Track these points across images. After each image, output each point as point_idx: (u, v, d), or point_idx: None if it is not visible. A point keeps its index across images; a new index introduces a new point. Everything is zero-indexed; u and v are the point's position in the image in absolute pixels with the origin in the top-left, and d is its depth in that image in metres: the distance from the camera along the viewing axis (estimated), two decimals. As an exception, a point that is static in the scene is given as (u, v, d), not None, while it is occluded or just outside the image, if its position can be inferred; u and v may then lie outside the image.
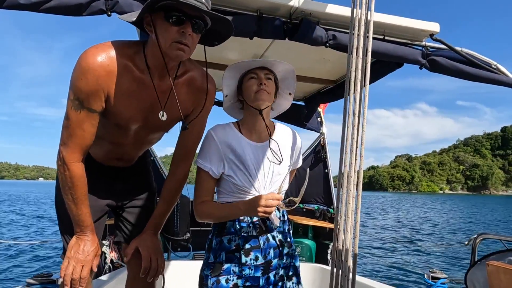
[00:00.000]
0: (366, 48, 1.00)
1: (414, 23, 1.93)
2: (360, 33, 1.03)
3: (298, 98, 3.47)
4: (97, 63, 1.14)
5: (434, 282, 3.46)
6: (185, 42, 1.16)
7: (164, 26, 1.14)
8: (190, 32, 1.16)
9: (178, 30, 1.14)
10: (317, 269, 2.96)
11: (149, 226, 1.48)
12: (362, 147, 1.00)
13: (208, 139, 1.42)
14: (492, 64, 2.08)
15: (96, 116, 1.22)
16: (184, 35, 1.15)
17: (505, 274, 1.43)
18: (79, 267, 1.27)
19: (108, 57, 1.16)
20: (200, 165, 1.41)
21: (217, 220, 1.41)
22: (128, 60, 1.21)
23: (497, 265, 1.48)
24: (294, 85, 1.53)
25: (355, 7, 1.05)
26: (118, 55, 1.18)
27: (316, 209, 3.90)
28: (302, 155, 1.65)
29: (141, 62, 1.23)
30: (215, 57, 2.51)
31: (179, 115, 1.35)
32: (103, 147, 1.43)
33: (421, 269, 7.78)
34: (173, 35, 1.14)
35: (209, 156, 1.40)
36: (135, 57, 1.23)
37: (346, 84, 1.05)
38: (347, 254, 0.98)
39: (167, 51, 1.17)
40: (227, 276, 1.35)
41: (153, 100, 1.29)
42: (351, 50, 1.04)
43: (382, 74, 2.35)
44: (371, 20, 1.02)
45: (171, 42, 1.15)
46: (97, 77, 1.15)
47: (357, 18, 1.04)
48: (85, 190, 1.28)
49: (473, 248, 2.23)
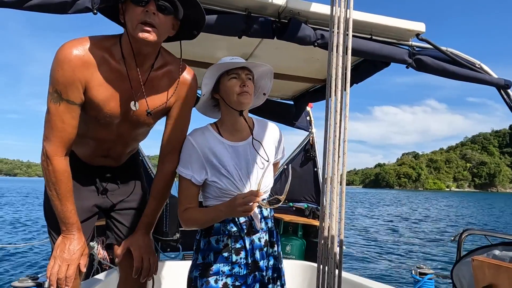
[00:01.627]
0: (346, 46, 1.01)
1: (400, 23, 1.96)
2: (340, 31, 1.04)
3: (287, 97, 3.48)
4: (73, 54, 1.16)
5: (421, 277, 3.52)
6: (150, 22, 1.15)
7: (130, 8, 1.16)
8: (154, 10, 1.16)
9: (142, 10, 1.15)
10: (306, 266, 2.97)
11: (141, 226, 1.47)
12: (345, 144, 1.01)
13: (187, 146, 1.38)
14: (476, 64, 2.13)
15: (76, 108, 1.22)
16: (148, 14, 1.15)
17: (489, 268, 1.46)
18: (65, 266, 1.26)
19: (84, 49, 1.18)
20: (181, 173, 1.38)
21: (202, 225, 1.39)
22: (105, 52, 1.22)
23: (481, 260, 1.52)
24: (270, 85, 1.52)
25: (334, 5, 1.06)
26: (94, 47, 1.19)
27: (306, 207, 3.92)
28: (293, 153, 1.66)
29: (118, 53, 1.24)
30: (204, 56, 2.50)
31: (160, 107, 1.34)
32: (87, 145, 1.42)
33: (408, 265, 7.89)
34: (137, 15, 1.15)
35: (190, 164, 1.37)
36: (112, 49, 1.23)
37: (328, 82, 1.06)
38: (333, 251, 0.99)
39: (134, 34, 1.17)
40: (216, 277, 1.34)
41: (130, 92, 1.29)
42: (331, 48, 1.05)
43: (369, 73, 2.38)
44: (350, 18, 1.03)
45: (136, 24, 1.15)
46: (73, 68, 1.16)
47: (336, 16, 1.05)
48: (69, 186, 1.27)
49: (459, 244, 2.28)
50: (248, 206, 1.19)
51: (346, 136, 1.01)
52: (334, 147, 1.02)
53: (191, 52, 2.40)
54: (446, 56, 2.05)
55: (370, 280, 2.41)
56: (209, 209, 1.37)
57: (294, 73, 2.80)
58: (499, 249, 1.86)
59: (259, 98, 1.57)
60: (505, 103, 2.18)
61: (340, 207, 0.99)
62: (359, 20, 1.88)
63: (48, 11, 1.49)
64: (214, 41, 2.21)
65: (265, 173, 1.41)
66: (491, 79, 2.11)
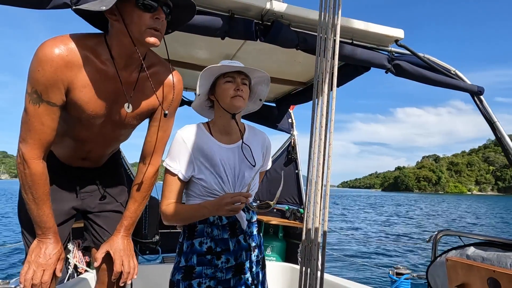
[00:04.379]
0: (333, 51, 1.03)
1: (380, 29, 2.00)
2: (328, 36, 1.06)
3: (269, 99, 3.50)
4: (55, 53, 1.10)
5: (398, 278, 3.61)
6: (159, 28, 1.15)
7: (136, 13, 1.13)
8: (164, 18, 1.16)
9: (151, 16, 1.14)
10: (287, 268, 2.99)
11: (120, 228, 1.42)
12: (330, 147, 1.03)
13: (177, 141, 1.38)
14: (451, 70, 2.21)
15: (56, 109, 1.16)
16: (158, 21, 1.14)
17: (462, 268, 1.51)
18: (40, 272, 1.20)
19: (67, 48, 1.12)
20: (168, 167, 1.38)
21: (183, 221, 1.38)
22: (89, 51, 1.17)
23: (455, 260, 1.57)
24: (267, 92, 1.54)
25: (323, 11, 1.08)
26: (77, 46, 1.14)
27: (287, 209, 3.95)
28: (274, 155, 1.67)
29: (104, 53, 1.20)
30: (186, 56, 2.48)
31: (145, 109, 1.32)
32: (66, 145, 1.37)
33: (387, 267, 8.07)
34: (147, 21, 1.13)
35: (178, 159, 1.37)
36: (96, 48, 1.19)
37: (314, 86, 1.08)
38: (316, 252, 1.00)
39: (140, 39, 1.15)
40: (199, 279, 1.33)
41: (118, 92, 1.25)
42: (319, 52, 1.07)
43: (350, 77, 2.42)
44: (338, 24, 1.05)
45: (145, 29, 1.13)
46: (55, 68, 1.10)
47: (324, 21, 1.07)
48: (46, 190, 1.21)
49: (434, 244, 2.34)
50: (236, 206, 1.21)
51: (332, 139, 1.03)
52: (319, 149, 1.04)
53: (173, 52, 2.37)
54: (423, 62, 2.12)
55: (351, 281, 2.45)
56: (193, 205, 1.36)
57: (277, 76, 2.82)
58: (471, 250, 1.93)
59: (256, 104, 1.58)
60: (478, 109, 2.27)
61: (323, 209, 1.01)
62: (341, 25, 1.91)
63: (24, 6, 1.44)
64: (197, 42, 2.20)
65: (255, 179, 1.42)
66: (465, 85, 2.19)
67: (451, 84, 2.17)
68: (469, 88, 2.20)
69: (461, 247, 1.99)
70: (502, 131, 2.16)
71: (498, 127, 2.18)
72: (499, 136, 2.17)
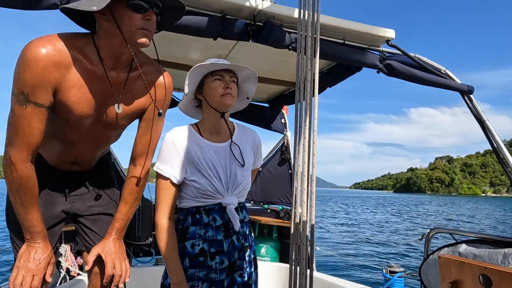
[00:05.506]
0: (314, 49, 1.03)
1: (372, 29, 2.02)
2: (308, 33, 1.06)
3: (262, 100, 3.50)
4: (42, 54, 1.07)
5: (392, 276, 3.64)
6: (150, 29, 1.15)
7: (127, 14, 1.12)
8: (155, 19, 1.16)
9: (142, 17, 1.13)
10: (281, 268, 2.99)
11: (111, 231, 1.40)
12: (314, 145, 1.03)
13: (167, 143, 1.36)
14: (441, 70, 2.24)
15: (44, 111, 1.13)
16: (149, 22, 1.14)
17: (455, 265, 1.53)
18: (29, 277, 1.18)
19: (55, 48, 1.09)
20: (160, 171, 1.35)
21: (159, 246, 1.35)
22: (77, 52, 1.15)
23: (447, 258, 1.58)
24: (254, 89, 1.53)
25: (302, 8, 1.09)
26: (65, 46, 1.12)
27: (281, 209, 3.95)
28: (268, 155, 1.67)
29: (92, 54, 1.18)
30: (178, 57, 2.47)
31: (135, 110, 1.31)
32: (55, 148, 1.35)
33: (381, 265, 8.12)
34: (138, 22, 1.12)
35: (169, 162, 1.35)
36: (84, 49, 1.17)
37: (297, 84, 1.08)
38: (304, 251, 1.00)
39: (132, 39, 1.14)
40: (191, 282, 1.32)
41: (107, 93, 1.24)
42: (300, 50, 1.07)
43: (342, 77, 2.44)
44: (318, 21, 1.06)
45: (136, 29, 1.13)
46: (43, 69, 1.08)
47: (304, 19, 1.08)
48: (35, 193, 1.19)
49: (427, 242, 2.37)
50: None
51: (315, 138, 1.03)
52: (304, 148, 1.04)
53: (165, 53, 2.36)
54: (414, 62, 2.14)
55: (343, 279, 2.46)
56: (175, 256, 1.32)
57: (269, 76, 2.82)
58: (463, 247, 1.95)
59: (243, 102, 1.56)
60: (468, 108, 2.30)
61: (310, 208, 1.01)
62: (332, 25, 1.92)
63: (13, 7, 1.43)
64: (189, 42, 2.20)
65: (242, 178, 1.41)
66: (455, 85, 2.22)
67: (441, 83, 2.20)
68: (459, 88, 2.23)
69: (453, 244, 2.01)
70: (492, 130, 2.19)
71: (488, 126, 2.21)
72: (489, 135, 2.20)
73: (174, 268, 1.31)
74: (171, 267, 1.31)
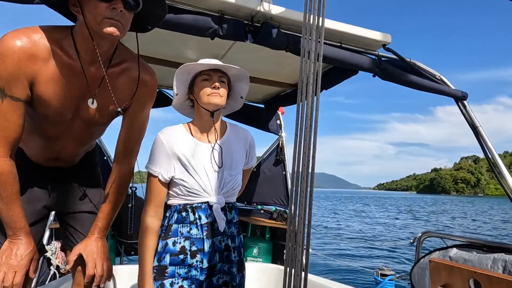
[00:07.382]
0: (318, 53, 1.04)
1: (369, 33, 2.03)
2: (312, 37, 1.07)
3: (258, 101, 3.51)
4: (17, 46, 1.05)
5: (383, 279, 3.66)
6: (117, 19, 1.09)
7: (92, 3, 1.07)
8: (122, 8, 1.09)
9: (108, 6, 1.07)
10: (273, 269, 3.00)
11: (94, 230, 1.37)
12: (314, 148, 1.04)
13: (157, 143, 1.38)
14: (436, 75, 2.26)
15: (21, 105, 1.11)
16: (115, 11, 1.08)
17: (445, 269, 1.54)
18: (11, 274, 1.16)
19: (31, 40, 1.07)
20: (149, 170, 1.38)
21: (138, 243, 1.40)
22: (55, 45, 1.12)
23: (438, 261, 1.60)
24: (246, 89, 1.53)
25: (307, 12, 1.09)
26: (42, 39, 1.09)
27: (274, 210, 3.96)
28: (263, 156, 1.67)
29: (70, 47, 1.15)
30: (175, 56, 2.46)
31: (114, 106, 1.26)
32: (36, 144, 1.33)
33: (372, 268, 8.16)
34: (102, 11, 1.06)
35: (158, 161, 1.37)
36: (63, 42, 1.14)
37: (299, 87, 1.09)
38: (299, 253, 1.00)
39: (98, 30, 1.08)
40: (172, 279, 1.33)
41: (85, 88, 1.21)
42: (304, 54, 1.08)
43: (339, 79, 2.46)
44: (323, 26, 1.07)
45: (101, 19, 1.07)
46: (18, 61, 1.05)
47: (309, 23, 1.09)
48: (16, 188, 1.16)
49: (418, 246, 2.39)
50: None
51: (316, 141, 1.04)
52: (304, 151, 1.04)
53: (162, 52, 2.35)
54: (409, 66, 2.16)
55: (335, 282, 2.47)
56: (149, 259, 1.36)
57: (266, 77, 2.83)
58: (454, 251, 1.97)
59: (237, 102, 1.57)
60: (462, 114, 2.32)
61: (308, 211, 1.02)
62: (330, 29, 1.94)
63: (13, 0, 1.43)
64: (186, 41, 2.19)
65: (237, 178, 1.42)
66: (449, 90, 2.25)
67: (436, 89, 2.22)
68: (453, 93, 2.25)
69: (444, 248, 2.03)
70: (484, 136, 2.22)
71: (481, 131, 2.24)
72: (481, 141, 2.23)
73: (142, 267, 1.36)
74: (141, 265, 1.36)
